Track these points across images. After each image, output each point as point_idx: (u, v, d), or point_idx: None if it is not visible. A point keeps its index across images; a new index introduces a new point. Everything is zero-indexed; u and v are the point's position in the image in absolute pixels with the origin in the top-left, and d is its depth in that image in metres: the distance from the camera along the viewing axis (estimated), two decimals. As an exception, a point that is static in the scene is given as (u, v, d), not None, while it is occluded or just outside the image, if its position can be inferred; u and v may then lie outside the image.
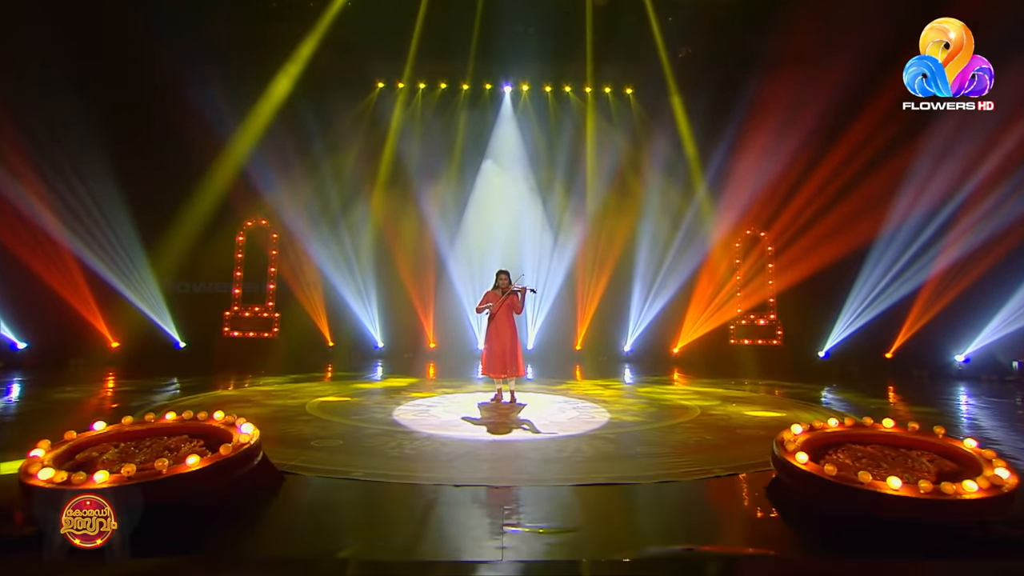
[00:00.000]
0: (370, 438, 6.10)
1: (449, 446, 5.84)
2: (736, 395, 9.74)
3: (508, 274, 8.68)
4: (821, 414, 7.90)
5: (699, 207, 14.63)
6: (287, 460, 5.10)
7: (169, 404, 7.95)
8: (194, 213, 13.00)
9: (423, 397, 9.02)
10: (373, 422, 6.95)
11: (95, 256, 12.32)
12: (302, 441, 5.91)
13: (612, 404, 8.57)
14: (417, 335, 15.98)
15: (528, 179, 15.52)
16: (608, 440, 6.19)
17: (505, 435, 6.47)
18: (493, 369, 8.55)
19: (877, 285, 12.66)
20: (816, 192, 12.72)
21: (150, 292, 13.07)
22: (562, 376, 12.73)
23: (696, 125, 14.61)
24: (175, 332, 13.62)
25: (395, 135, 15.25)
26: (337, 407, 7.97)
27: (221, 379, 10.85)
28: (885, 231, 12.47)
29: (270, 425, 6.58)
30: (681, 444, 6.07)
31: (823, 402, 9.45)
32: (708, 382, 11.60)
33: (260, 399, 8.47)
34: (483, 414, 7.72)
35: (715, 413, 7.91)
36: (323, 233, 14.47)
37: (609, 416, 7.57)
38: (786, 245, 13.80)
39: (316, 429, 6.47)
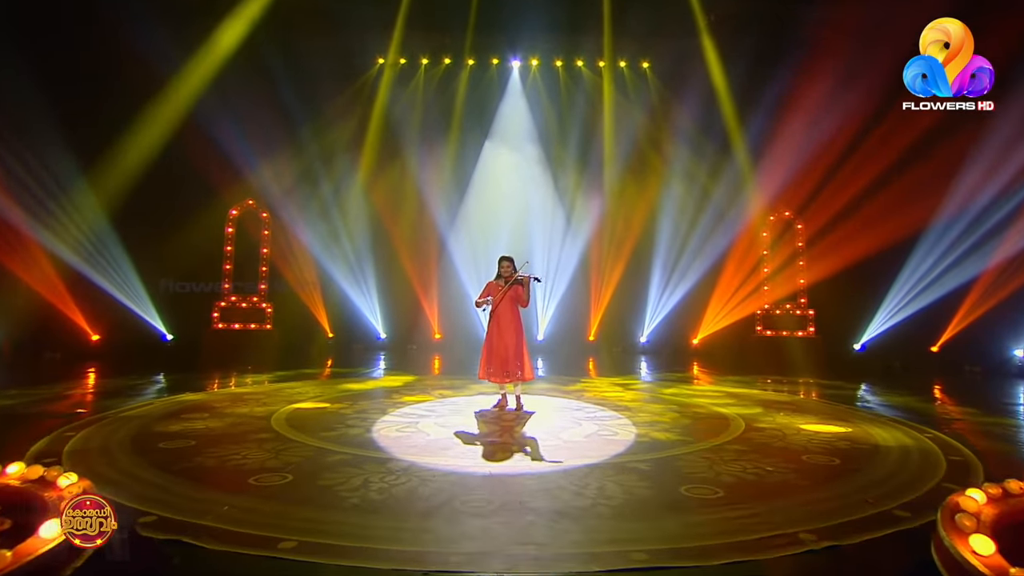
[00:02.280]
0: (330, 470, 4.45)
1: (430, 484, 4.18)
2: (778, 399, 8.00)
3: (512, 261, 7.00)
4: (898, 430, 6.14)
5: (730, 185, 12.73)
6: (195, 516, 3.46)
7: (103, 416, 6.35)
8: (173, 200, 11.36)
9: (416, 402, 7.38)
10: (344, 442, 5.31)
11: (64, 244, 10.73)
12: (239, 477, 4.27)
13: (636, 412, 6.87)
14: (421, 325, 14.36)
15: (538, 158, 13.73)
16: (640, 474, 4.49)
17: (506, 462, 4.79)
18: (493, 373, 6.90)
19: (928, 274, 10.78)
20: (861, 170, 10.75)
21: (129, 282, 11.48)
22: (575, 372, 11.07)
23: (734, 85, 12.57)
24: (160, 324, 12.06)
25: (394, 113, 13.51)
26: (309, 418, 6.34)
27: (200, 376, 9.27)
28: (941, 217, 10.53)
29: (213, 447, 4.95)
30: (738, 481, 4.36)
31: (871, 406, 7.65)
32: (737, 380, 9.86)
33: (224, 406, 6.86)
34: (481, 428, 6.05)
35: (763, 427, 6.18)
36: (315, 217, 12.81)
37: (635, 432, 5.88)
38: (823, 229, 11.91)
39: (267, 454, 4.83)
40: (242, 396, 7.59)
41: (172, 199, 11.55)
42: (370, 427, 5.94)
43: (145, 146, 11.02)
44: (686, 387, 9.11)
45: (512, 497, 3.96)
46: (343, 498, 3.88)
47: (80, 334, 11.37)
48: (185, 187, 11.62)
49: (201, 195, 11.82)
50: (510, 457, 4.92)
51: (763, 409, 7.08)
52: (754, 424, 6.27)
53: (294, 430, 5.70)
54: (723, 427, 6.13)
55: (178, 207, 11.56)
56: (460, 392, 8.23)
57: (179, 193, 11.62)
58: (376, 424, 6.08)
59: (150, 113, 11.08)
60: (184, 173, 11.56)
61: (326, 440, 5.34)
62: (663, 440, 5.57)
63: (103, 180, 10.78)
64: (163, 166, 11.35)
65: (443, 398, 7.75)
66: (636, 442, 5.50)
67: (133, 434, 5.41)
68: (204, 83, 11.39)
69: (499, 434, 5.75)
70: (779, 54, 11.08)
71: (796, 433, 5.87)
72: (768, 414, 6.82)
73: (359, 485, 4.12)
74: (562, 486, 4.17)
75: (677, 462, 4.82)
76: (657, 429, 6.00)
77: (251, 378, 9.39)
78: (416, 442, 5.37)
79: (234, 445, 5.07)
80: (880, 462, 4.87)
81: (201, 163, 11.67)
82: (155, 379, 8.88)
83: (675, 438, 5.66)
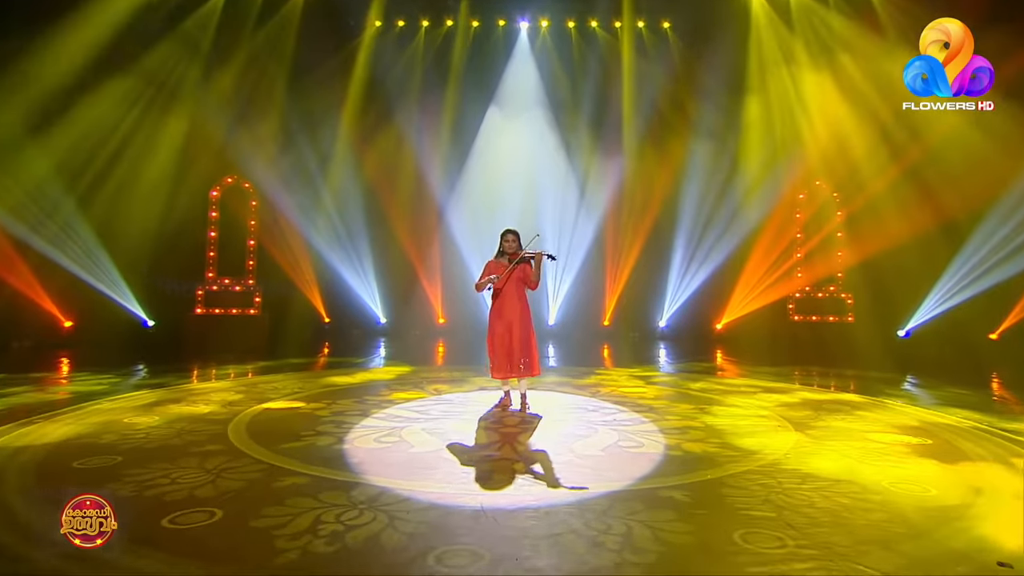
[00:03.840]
0: (276, 502, 3.45)
1: (402, 526, 3.17)
2: (828, 398, 6.89)
3: (517, 235, 5.95)
4: (992, 442, 5.03)
5: (763, 155, 11.46)
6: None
7: (30, 420, 5.41)
8: (145, 172, 10.33)
9: (406, 400, 6.38)
10: (307, 457, 4.31)
11: (24, 225, 9.75)
12: (150, 515, 3.28)
13: (661, 414, 5.82)
14: (424, 310, 13.36)
15: (548, 127, 12.54)
16: (677, 508, 3.45)
17: (504, 490, 3.77)
18: (498, 368, 5.89)
19: (990, 255, 9.51)
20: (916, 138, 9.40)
21: (102, 266, 10.52)
22: (589, 361, 10.04)
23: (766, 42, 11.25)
24: (140, 309, 11.13)
25: (391, 79, 12.36)
26: (276, 423, 5.36)
27: (171, 368, 8.33)
28: (1011, 193, 9.23)
29: (140, 466, 3.97)
30: (809, 521, 3.30)
31: (937, 403, 6.51)
32: (772, 372, 8.76)
33: (181, 406, 5.90)
34: (479, 436, 5.03)
35: (819, 436, 5.09)
36: (303, 191, 11.76)
37: (664, 442, 4.83)
38: (868, 205, 10.63)
39: (205, 477, 3.85)
40: (208, 393, 6.63)
41: (138, 174, 10.51)
42: (344, 435, 4.95)
43: (105, 111, 10.00)
44: (715, 381, 8.03)
45: (508, 548, 2.94)
46: (277, 550, 2.87)
47: (51, 321, 10.47)
48: (158, 161, 10.60)
49: (178, 171, 10.78)
50: (510, 482, 3.89)
51: (813, 412, 5.99)
52: (807, 431, 5.19)
53: (252, 440, 4.72)
54: (770, 436, 5.06)
55: (147, 183, 10.54)
56: (459, 387, 7.22)
57: (149, 167, 10.59)
58: (353, 431, 5.09)
59: (108, 72, 10.01)
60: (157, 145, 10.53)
61: (286, 454, 4.35)
62: (700, 454, 4.52)
63: (56, 147, 9.74)
64: (131, 138, 10.34)
65: (438, 395, 6.76)
66: (666, 456, 4.45)
67: (53, 446, 4.45)
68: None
69: (498, 445, 4.73)
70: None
71: (864, 446, 4.78)
72: (820, 418, 5.73)
73: (306, 528, 3.11)
74: (575, 528, 3.14)
75: (723, 489, 3.77)
76: (690, 438, 4.95)
77: (232, 368, 8.46)
78: (396, 457, 4.37)
79: (168, 463, 4.08)
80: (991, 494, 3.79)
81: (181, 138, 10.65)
82: (118, 371, 7.95)
83: (714, 451, 4.60)
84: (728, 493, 3.70)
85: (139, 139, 10.52)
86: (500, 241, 5.98)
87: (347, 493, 3.60)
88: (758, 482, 3.89)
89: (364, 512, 3.33)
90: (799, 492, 3.70)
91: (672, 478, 3.96)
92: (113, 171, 10.29)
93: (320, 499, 3.50)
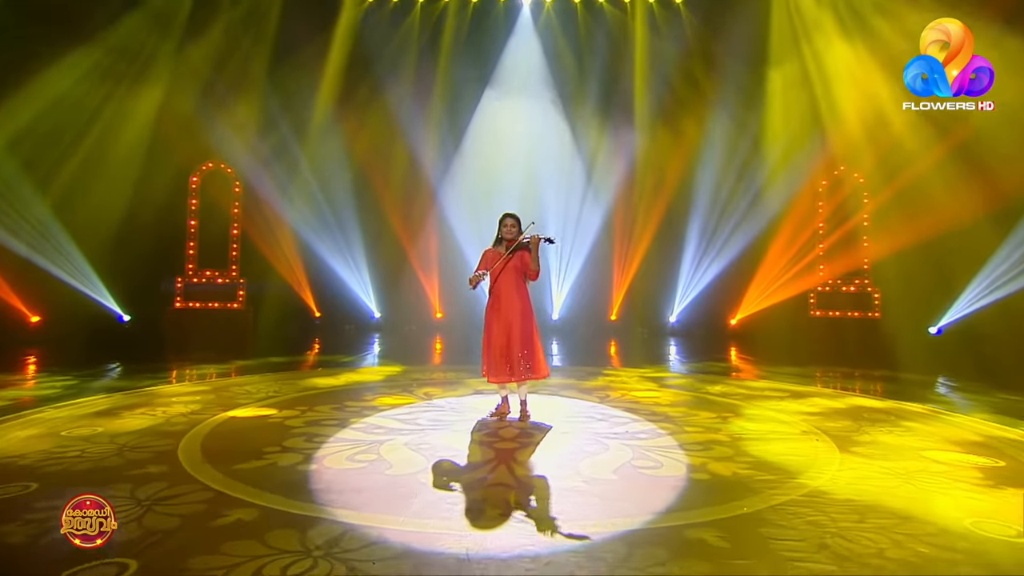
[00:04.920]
0: (208, 549, 2.78)
1: (362, 586, 2.49)
2: (863, 405, 6.18)
3: (518, 220, 5.28)
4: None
5: (784, 138, 10.66)
6: None
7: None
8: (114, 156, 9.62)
9: (391, 406, 5.72)
10: (262, 482, 3.64)
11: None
12: (43, 568, 2.60)
13: (680, 425, 5.13)
14: (420, 303, 12.71)
15: (553, 106, 11.78)
16: (711, 558, 2.77)
17: (497, 529, 3.09)
18: (495, 371, 5.20)
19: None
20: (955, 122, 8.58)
21: (72, 258, 9.84)
22: (595, 360, 9.40)
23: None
24: (113, 303, 10.47)
25: (383, 57, 11.62)
26: (238, 435, 4.70)
27: (138, 368, 7.68)
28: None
29: (55, 497, 3.28)
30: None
31: (993, 411, 5.80)
32: (796, 373, 8.08)
33: (134, 415, 5.23)
34: (471, 453, 4.36)
35: (866, 453, 4.40)
36: (289, 176, 11.06)
37: (686, 462, 4.15)
38: (899, 194, 9.84)
39: (131, 510, 3.17)
40: (171, 398, 5.96)
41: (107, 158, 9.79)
42: (314, 451, 4.28)
43: (68, 86, 9.28)
44: (734, 383, 7.34)
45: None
46: (194, 628, 2.20)
47: (17, 316, 9.81)
48: (127, 142, 9.88)
49: (152, 154, 10.07)
50: (504, 518, 3.21)
51: (852, 422, 5.29)
52: (852, 448, 4.50)
53: (204, 458, 4.05)
54: (810, 454, 4.37)
55: (117, 166, 9.83)
56: (452, 390, 6.55)
57: (119, 149, 9.87)
58: (324, 446, 4.42)
59: (69, 42, 9.28)
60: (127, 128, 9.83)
61: (239, 478, 3.68)
62: (730, 478, 3.83)
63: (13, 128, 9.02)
64: (97, 116, 9.62)
65: (429, 399, 6.09)
66: (690, 481, 3.77)
67: (-34, 467, 3.79)
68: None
69: (492, 466, 4.05)
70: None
71: (923, 468, 4.07)
72: (863, 430, 5.03)
73: (238, 590, 2.44)
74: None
75: (764, 528, 3.08)
76: (716, 456, 4.26)
77: (205, 368, 7.80)
78: (369, 481, 3.70)
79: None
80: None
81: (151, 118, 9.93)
82: (80, 371, 7.30)
83: (746, 473, 3.92)
84: (772, 534, 3.01)
85: (106, 117, 9.80)
86: (498, 227, 5.30)
87: (302, 533, 2.93)
88: (806, 518, 3.20)
89: (319, 562, 2.66)
90: (861, 534, 3.00)
91: (701, 511, 3.28)
92: (78, 152, 9.58)
93: (267, 542, 2.83)
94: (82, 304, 10.04)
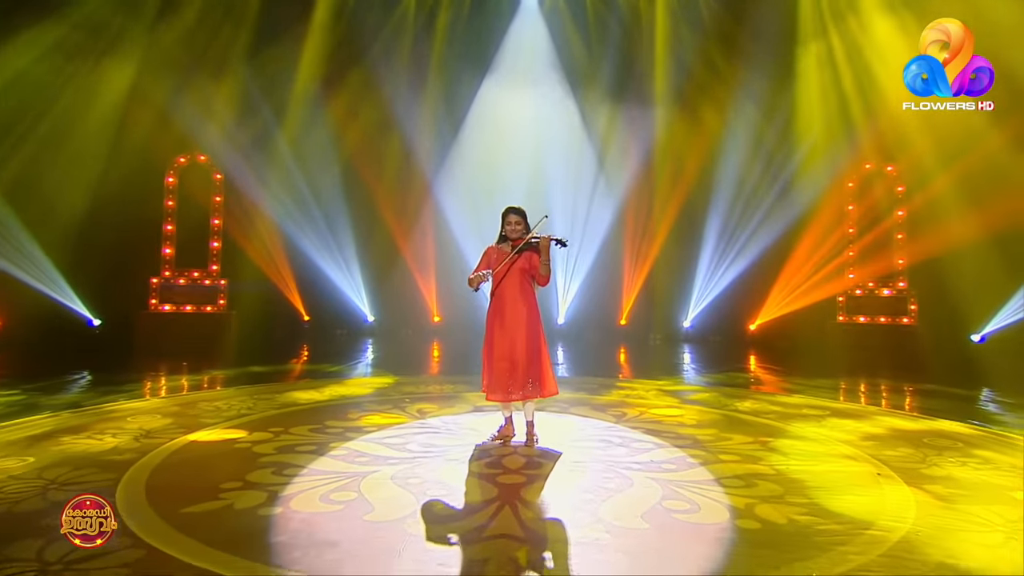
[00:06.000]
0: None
1: None
2: (919, 428, 5.55)
3: (523, 215, 4.68)
4: None
5: (821, 127, 10.00)
6: None
7: None
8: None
9: (379, 427, 5.11)
10: (210, 533, 3.03)
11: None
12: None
13: (712, 452, 4.51)
14: (417, 306, 12.14)
15: (560, 95, 11.17)
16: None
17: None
18: (497, 387, 4.59)
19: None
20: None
21: (28, 253, 9.21)
22: (605, 369, 8.82)
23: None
24: (81, 306, 9.85)
25: (377, 44, 11.01)
26: (192, 468, 4.09)
27: (104, 380, 7.08)
28: None
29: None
30: None
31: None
32: (828, 385, 7.49)
33: (79, 438, 4.63)
34: (468, 492, 3.74)
35: (943, 490, 3.77)
36: (274, 170, 10.45)
37: (727, 502, 3.53)
38: (951, 183, 9.18)
39: (40, 576, 2.56)
40: (126, 417, 5.34)
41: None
42: (282, 488, 3.66)
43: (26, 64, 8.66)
44: (765, 399, 6.71)
45: None
46: None
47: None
48: (94, 130, 9.26)
49: (121, 145, 9.45)
50: (508, 591, 2.59)
51: (914, 449, 4.65)
52: (924, 485, 3.86)
53: (147, 498, 3.44)
54: (876, 493, 3.74)
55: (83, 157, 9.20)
56: (449, 407, 5.94)
57: (85, 138, 9.24)
58: (296, 479, 3.81)
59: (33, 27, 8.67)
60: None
61: (183, 526, 3.06)
62: (786, 527, 3.21)
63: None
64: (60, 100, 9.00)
65: (422, 418, 5.49)
66: (736, 531, 3.15)
67: None
68: None
69: (495, 509, 3.43)
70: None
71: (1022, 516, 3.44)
72: (928, 460, 4.39)
73: None
74: None
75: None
76: (763, 495, 3.63)
77: (176, 380, 7.19)
78: (344, 531, 3.08)
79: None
80: None
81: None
82: (32, 383, 6.68)
83: (805, 520, 3.29)
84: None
85: (69, 100, 9.17)
86: (502, 223, 4.70)
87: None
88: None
89: (266, 661, 2.04)
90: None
91: (754, 573, 2.66)
92: (36, 136, 8.94)
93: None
94: (46, 307, 9.43)
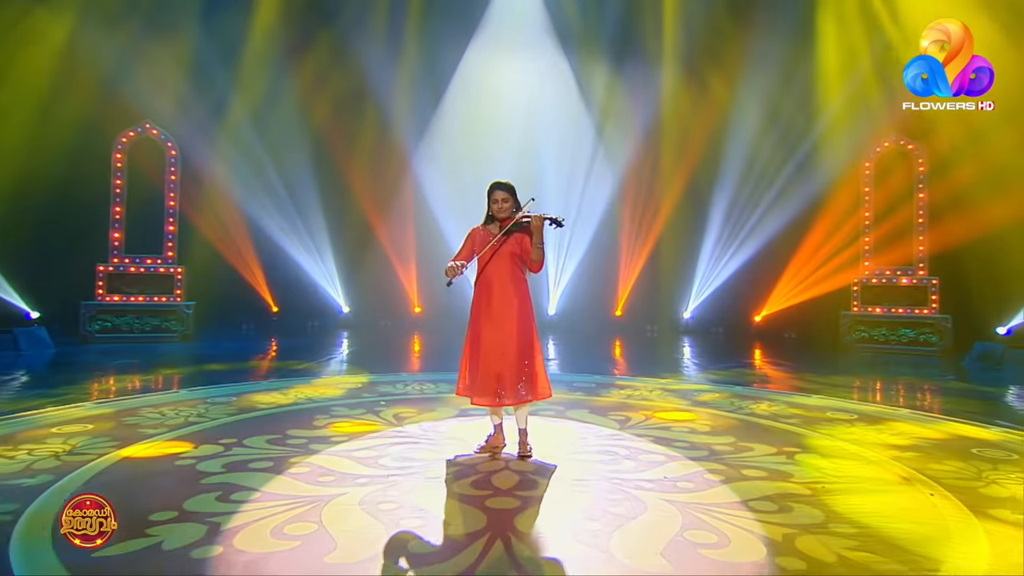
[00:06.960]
0: None
1: None
2: (970, 434, 5.10)
3: (511, 191, 4.16)
4: None
5: (842, 98, 9.52)
6: None
7: None
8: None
9: (349, 435, 4.59)
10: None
11: None
12: None
13: (734, 466, 4.03)
14: (396, 295, 11.63)
15: (553, 62, 10.62)
16: None
17: None
18: (481, 389, 4.07)
19: None
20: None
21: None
22: (601, 366, 8.39)
23: None
24: (18, 298, 9.16)
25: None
26: (121, 492, 3.50)
27: (35, 382, 6.46)
28: None
29: None
30: None
31: None
32: (847, 383, 7.06)
33: (-8, 454, 4.04)
34: (449, 519, 3.21)
35: (1015, 516, 3.31)
36: (235, 146, 9.79)
37: (761, 532, 3.05)
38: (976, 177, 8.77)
39: None
40: (50, 428, 4.74)
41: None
42: (227, 518, 3.11)
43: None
44: (783, 400, 6.25)
45: None
46: None
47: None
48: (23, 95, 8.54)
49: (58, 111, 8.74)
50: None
51: (965, 463, 4.19)
52: (987, 509, 3.39)
53: (53, 539, 2.86)
54: (935, 520, 3.27)
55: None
56: (429, 411, 5.43)
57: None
58: (245, 505, 3.26)
59: None
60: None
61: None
62: (835, 567, 2.72)
63: None
64: None
65: (399, 424, 4.98)
66: (777, 571, 2.66)
67: None
68: None
69: (482, 542, 2.90)
70: None
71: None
72: (986, 476, 3.93)
73: None
74: None
75: None
76: (802, 524, 3.14)
77: (120, 381, 6.60)
78: None
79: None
80: None
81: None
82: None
83: (858, 557, 2.81)
84: None
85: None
86: (487, 202, 4.17)
87: None
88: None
89: None
90: None
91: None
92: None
93: None
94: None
